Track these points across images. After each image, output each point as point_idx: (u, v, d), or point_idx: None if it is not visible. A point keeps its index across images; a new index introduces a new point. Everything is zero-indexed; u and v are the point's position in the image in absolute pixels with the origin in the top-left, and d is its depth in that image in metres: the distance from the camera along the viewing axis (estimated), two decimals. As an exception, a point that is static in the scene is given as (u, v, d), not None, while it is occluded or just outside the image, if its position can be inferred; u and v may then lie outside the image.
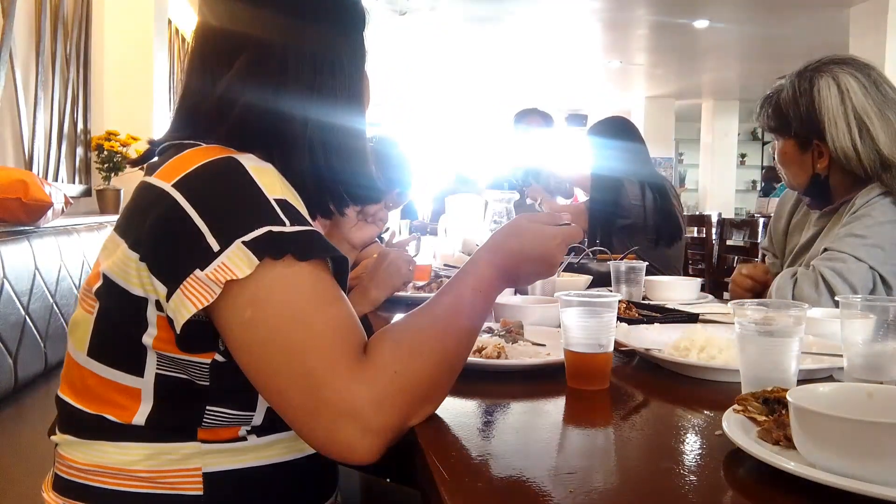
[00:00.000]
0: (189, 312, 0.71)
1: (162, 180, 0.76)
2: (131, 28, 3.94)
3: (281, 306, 0.71)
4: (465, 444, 0.77)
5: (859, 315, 0.92)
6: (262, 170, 0.76)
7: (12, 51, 2.70)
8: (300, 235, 0.73)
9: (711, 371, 1.01)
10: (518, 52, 7.80)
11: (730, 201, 10.64)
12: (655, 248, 2.76)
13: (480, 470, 0.69)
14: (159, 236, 0.74)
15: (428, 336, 0.78)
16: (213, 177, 0.75)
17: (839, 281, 1.42)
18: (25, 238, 1.91)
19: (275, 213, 0.73)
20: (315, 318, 0.72)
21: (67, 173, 3.39)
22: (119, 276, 0.77)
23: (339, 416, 0.69)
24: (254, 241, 0.70)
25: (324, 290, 0.74)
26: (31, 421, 1.74)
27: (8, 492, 1.36)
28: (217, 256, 0.70)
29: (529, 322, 1.31)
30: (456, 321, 0.80)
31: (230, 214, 0.73)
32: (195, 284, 0.70)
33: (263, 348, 0.71)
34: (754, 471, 0.66)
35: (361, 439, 0.70)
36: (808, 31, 6.50)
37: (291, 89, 0.84)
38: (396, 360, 0.73)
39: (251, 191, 0.73)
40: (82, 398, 0.82)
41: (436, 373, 0.77)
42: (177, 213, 0.72)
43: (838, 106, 1.50)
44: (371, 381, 0.71)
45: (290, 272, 0.72)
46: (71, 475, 0.82)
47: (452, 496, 0.62)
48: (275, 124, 0.83)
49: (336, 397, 0.69)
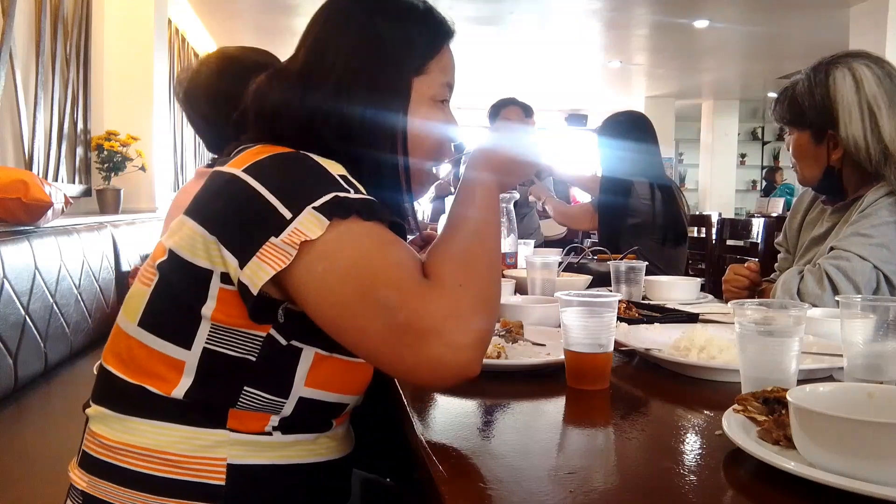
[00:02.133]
0: (267, 275, 0.75)
1: (232, 168, 0.82)
2: (131, 28, 3.95)
3: (349, 255, 0.76)
4: (465, 444, 0.77)
5: (859, 315, 0.92)
6: (325, 160, 0.82)
7: (12, 51, 2.70)
8: (364, 202, 0.79)
9: (711, 371, 1.01)
10: (518, 52, 7.80)
11: (730, 201, 10.64)
12: (661, 248, 2.74)
13: (480, 470, 0.69)
14: (231, 213, 0.80)
15: (474, 250, 0.82)
16: (280, 162, 0.82)
17: (843, 279, 1.43)
18: (25, 238, 1.91)
19: (339, 184, 0.79)
20: (378, 258, 0.77)
21: (67, 173, 3.39)
22: (185, 251, 0.82)
23: (422, 335, 0.74)
24: (323, 206, 0.76)
25: (386, 237, 0.80)
26: (32, 420, 1.74)
27: (8, 491, 1.36)
28: (290, 223, 0.75)
29: (529, 322, 1.31)
30: (486, 232, 0.85)
31: (299, 186, 0.79)
32: (271, 251, 0.75)
33: (337, 294, 0.76)
34: (754, 471, 0.66)
35: (453, 354, 0.74)
36: (808, 30, 6.51)
37: (366, 103, 0.89)
38: (458, 275, 0.79)
39: (316, 168, 0.80)
40: (127, 367, 0.84)
41: (491, 278, 0.83)
42: (247, 192, 0.78)
43: (853, 95, 1.51)
44: (441, 298, 0.76)
45: (356, 227, 0.77)
46: (99, 454, 0.83)
47: (452, 496, 0.62)
48: (345, 135, 0.88)
49: (414, 317, 0.74)
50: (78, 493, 0.84)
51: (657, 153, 2.87)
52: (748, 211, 10.78)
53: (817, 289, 1.45)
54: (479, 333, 0.76)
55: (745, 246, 2.99)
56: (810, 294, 1.45)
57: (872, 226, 1.46)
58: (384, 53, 0.91)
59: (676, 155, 11.42)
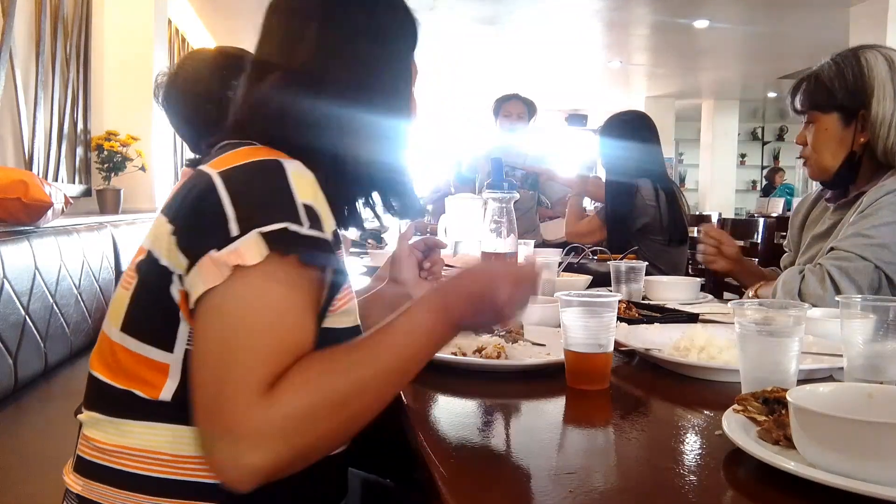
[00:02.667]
0: (200, 291, 0.74)
1: (211, 168, 0.80)
2: (131, 28, 3.95)
3: (243, 308, 0.73)
4: (465, 444, 0.77)
5: (859, 315, 0.92)
6: (301, 175, 0.79)
7: (12, 51, 2.70)
8: (312, 240, 0.76)
9: (711, 371, 1.01)
10: (518, 52, 7.80)
11: (730, 201, 10.64)
12: (665, 249, 2.74)
13: (480, 470, 0.69)
14: (190, 212, 0.79)
15: (340, 385, 0.75)
16: (253, 172, 0.79)
17: (845, 280, 1.44)
18: (25, 238, 1.91)
19: (296, 213, 0.76)
20: (263, 336, 0.73)
21: (67, 173, 3.39)
22: (157, 248, 0.81)
23: (224, 430, 0.70)
24: (269, 234, 0.74)
25: (298, 300, 0.76)
26: (31, 421, 1.74)
27: (8, 491, 1.36)
28: (234, 241, 0.73)
29: (529, 322, 1.31)
30: (376, 372, 0.77)
31: (256, 206, 0.76)
32: (209, 264, 0.74)
33: (208, 337, 0.74)
34: (754, 471, 0.66)
35: (232, 467, 0.70)
36: (808, 30, 6.51)
37: (345, 99, 0.88)
38: (297, 400, 0.72)
39: (282, 190, 0.77)
40: (113, 373, 0.84)
41: (329, 432, 0.75)
42: (211, 196, 0.77)
43: (887, 72, 1.53)
44: (263, 416, 0.70)
45: (282, 277, 0.74)
46: (94, 457, 0.83)
47: (452, 496, 0.62)
48: (326, 132, 0.87)
49: (228, 413, 0.70)
50: (73, 497, 0.84)
51: (661, 153, 2.87)
52: (748, 211, 10.78)
53: (819, 289, 1.45)
54: (267, 475, 0.70)
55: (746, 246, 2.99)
56: (812, 294, 1.45)
57: (873, 226, 1.47)
58: (388, 39, 0.92)
59: (676, 155, 11.42)
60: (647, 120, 2.94)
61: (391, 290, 1.35)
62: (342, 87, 0.89)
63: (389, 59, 0.93)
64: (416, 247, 1.38)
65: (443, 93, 10.09)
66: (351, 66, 0.90)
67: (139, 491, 0.79)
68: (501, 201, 1.96)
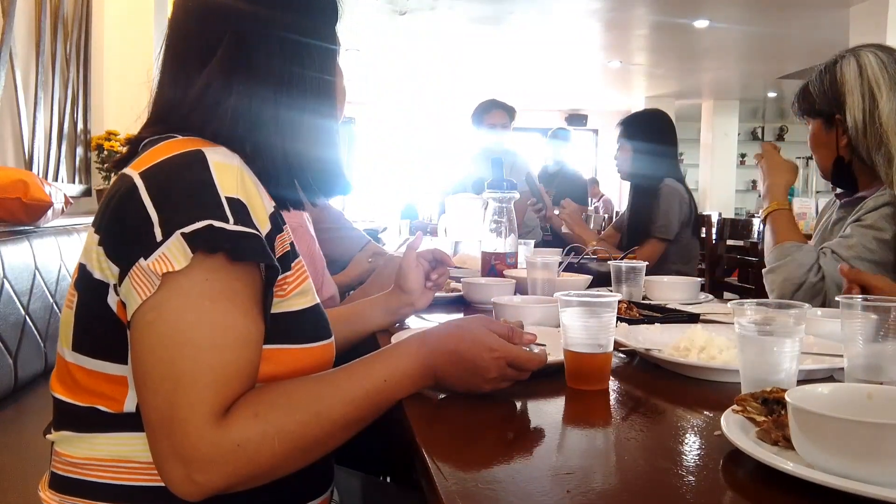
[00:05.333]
0: (135, 304, 0.72)
1: (133, 169, 0.78)
2: (131, 28, 3.94)
3: (180, 323, 0.71)
4: (465, 444, 0.77)
5: (859, 315, 0.92)
6: (226, 166, 0.77)
7: (12, 51, 2.70)
8: (240, 236, 0.73)
9: (711, 371, 1.01)
10: (518, 52, 7.80)
11: (730, 201, 10.64)
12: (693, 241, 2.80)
13: (480, 470, 0.69)
14: (114, 221, 0.76)
15: (297, 421, 0.75)
16: (173, 169, 0.76)
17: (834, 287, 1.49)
18: (25, 238, 1.91)
19: (220, 209, 0.73)
20: (205, 353, 0.72)
21: (67, 173, 3.39)
22: (88, 262, 0.79)
23: (175, 454, 0.70)
24: (192, 234, 0.71)
25: (236, 300, 0.74)
26: (31, 421, 1.74)
27: (8, 491, 1.36)
28: (159, 247, 0.71)
29: (529, 322, 1.31)
30: (339, 411, 0.78)
31: (178, 206, 0.73)
32: (139, 274, 0.72)
33: (150, 357, 0.72)
34: (753, 471, 0.66)
35: (183, 484, 0.70)
36: (808, 30, 6.51)
37: (261, 80, 0.85)
38: (248, 431, 0.71)
39: (204, 185, 0.74)
40: (74, 393, 0.82)
41: (283, 461, 0.75)
42: (134, 201, 0.74)
43: (856, 78, 1.56)
44: (215, 443, 0.70)
45: (213, 278, 0.72)
46: (67, 471, 0.82)
47: (452, 496, 0.62)
48: (245, 114, 0.85)
49: (180, 438, 0.70)
50: None
51: (676, 152, 2.92)
52: (748, 211, 10.78)
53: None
54: (219, 486, 0.70)
55: (746, 246, 2.99)
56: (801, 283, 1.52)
57: (875, 238, 1.50)
58: (308, 14, 0.90)
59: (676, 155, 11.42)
60: (668, 119, 2.97)
61: (395, 298, 1.35)
62: (262, 67, 0.86)
63: (310, 34, 0.89)
64: (423, 256, 1.38)
65: (443, 93, 10.09)
66: (270, 46, 0.86)
67: (115, 500, 0.79)
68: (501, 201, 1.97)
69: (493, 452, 0.75)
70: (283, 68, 0.86)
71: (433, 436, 0.78)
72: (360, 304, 1.34)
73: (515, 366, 0.89)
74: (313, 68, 0.89)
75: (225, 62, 0.85)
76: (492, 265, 1.91)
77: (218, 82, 0.85)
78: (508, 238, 1.95)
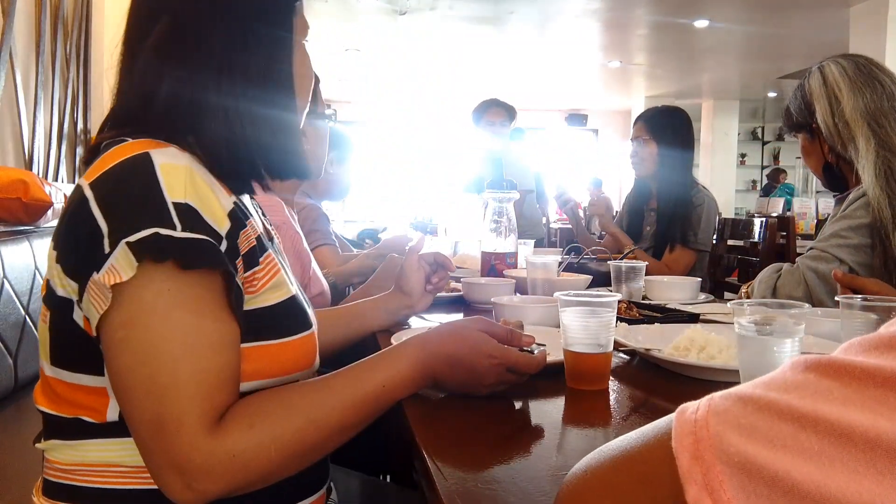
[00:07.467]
0: (95, 320, 0.71)
1: (85, 179, 0.76)
2: (131, 28, 3.94)
3: (152, 337, 0.70)
4: (465, 444, 0.77)
5: (859, 315, 0.92)
6: (173, 167, 0.74)
7: (12, 51, 2.70)
8: (188, 243, 0.71)
9: (711, 371, 1.01)
10: (518, 52, 7.80)
11: (730, 201, 10.64)
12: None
13: (480, 470, 0.69)
14: (68, 234, 0.75)
15: (293, 428, 0.74)
16: (120, 176, 0.74)
17: (820, 284, 1.53)
18: (25, 238, 1.91)
19: (167, 216, 0.70)
20: (183, 363, 0.70)
21: (67, 173, 3.39)
22: (51, 278, 0.78)
23: (171, 465, 0.70)
24: (137, 242, 0.69)
25: (195, 306, 0.72)
26: (31, 421, 1.73)
27: (9, 491, 1.36)
28: (107, 259, 0.69)
29: (529, 322, 1.31)
30: (336, 416, 0.77)
31: (124, 215, 0.71)
32: (94, 288, 0.70)
33: (128, 375, 0.71)
34: (754, 471, 0.66)
35: (181, 492, 0.70)
36: (808, 30, 6.51)
37: (199, 66, 0.82)
38: (244, 442, 0.71)
39: (150, 191, 0.72)
40: (57, 405, 0.82)
41: (280, 468, 0.75)
42: (84, 214, 0.72)
43: (820, 87, 1.65)
44: (210, 452, 0.69)
45: (166, 281, 0.70)
46: (59, 477, 0.82)
47: (452, 496, 0.62)
48: (182, 104, 0.81)
49: (174, 449, 0.69)
50: None
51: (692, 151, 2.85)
52: (748, 211, 10.77)
53: (795, 291, 1.56)
54: (219, 492, 0.70)
55: (746, 246, 2.99)
56: (786, 295, 1.56)
57: (850, 227, 1.55)
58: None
59: (676, 155, 11.41)
60: (690, 119, 2.86)
61: (395, 300, 1.36)
62: (198, 53, 0.81)
63: (256, 18, 0.84)
64: (424, 259, 1.38)
65: (443, 93, 10.09)
66: (208, 29, 0.82)
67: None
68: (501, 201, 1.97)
69: (493, 452, 0.75)
70: (224, 54, 0.81)
71: (433, 436, 0.78)
72: (360, 305, 1.34)
73: (514, 370, 0.90)
74: (261, 54, 0.83)
75: (159, 48, 0.81)
76: (492, 265, 1.91)
77: (151, 70, 0.81)
78: (508, 238, 1.95)
